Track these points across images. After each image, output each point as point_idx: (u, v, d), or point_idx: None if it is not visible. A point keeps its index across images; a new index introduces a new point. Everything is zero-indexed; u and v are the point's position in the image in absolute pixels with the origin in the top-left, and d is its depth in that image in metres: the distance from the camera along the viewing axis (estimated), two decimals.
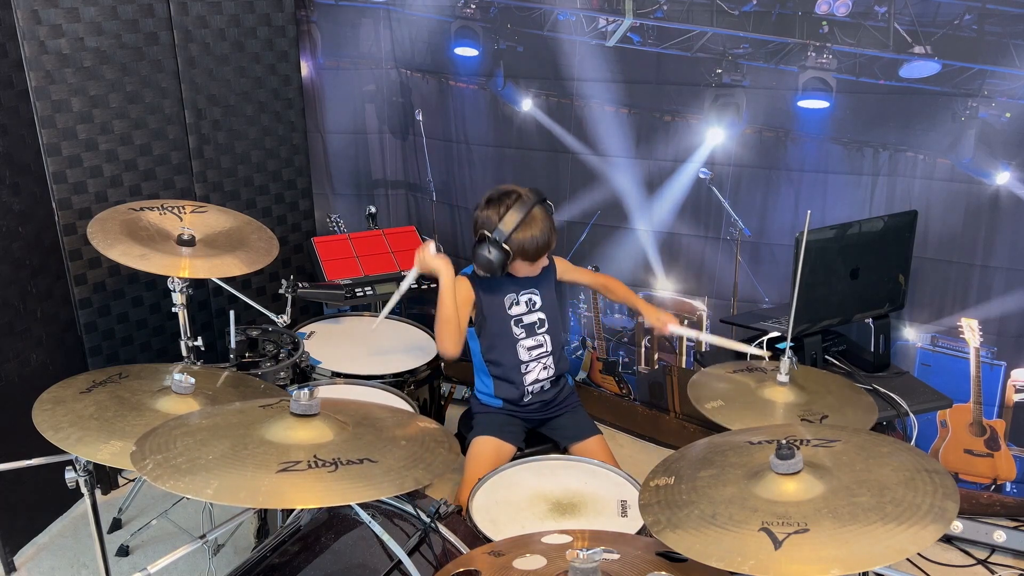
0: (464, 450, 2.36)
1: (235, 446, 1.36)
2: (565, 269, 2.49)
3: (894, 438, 1.48)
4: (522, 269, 2.30)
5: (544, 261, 2.31)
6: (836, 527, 1.18)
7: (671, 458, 1.47)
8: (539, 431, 2.44)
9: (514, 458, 2.28)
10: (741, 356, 2.20)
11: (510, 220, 2.18)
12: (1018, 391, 2.52)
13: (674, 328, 2.37)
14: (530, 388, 2.38)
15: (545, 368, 2.39)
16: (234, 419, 1.47)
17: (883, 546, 1.14)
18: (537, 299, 2.37)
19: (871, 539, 1.15)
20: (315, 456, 1.34)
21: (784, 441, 1.31)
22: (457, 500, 2.17)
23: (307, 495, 1.30)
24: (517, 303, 2.34)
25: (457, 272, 2.35)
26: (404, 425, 1.55)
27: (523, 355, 2.36)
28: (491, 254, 2.19)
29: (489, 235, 2.19)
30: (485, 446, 2.30)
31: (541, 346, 2.38)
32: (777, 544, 1.16)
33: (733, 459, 1.40)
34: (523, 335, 2.35)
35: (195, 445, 1.37)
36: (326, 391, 2.38)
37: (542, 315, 2.37)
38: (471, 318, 2.36)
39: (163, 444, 1.38)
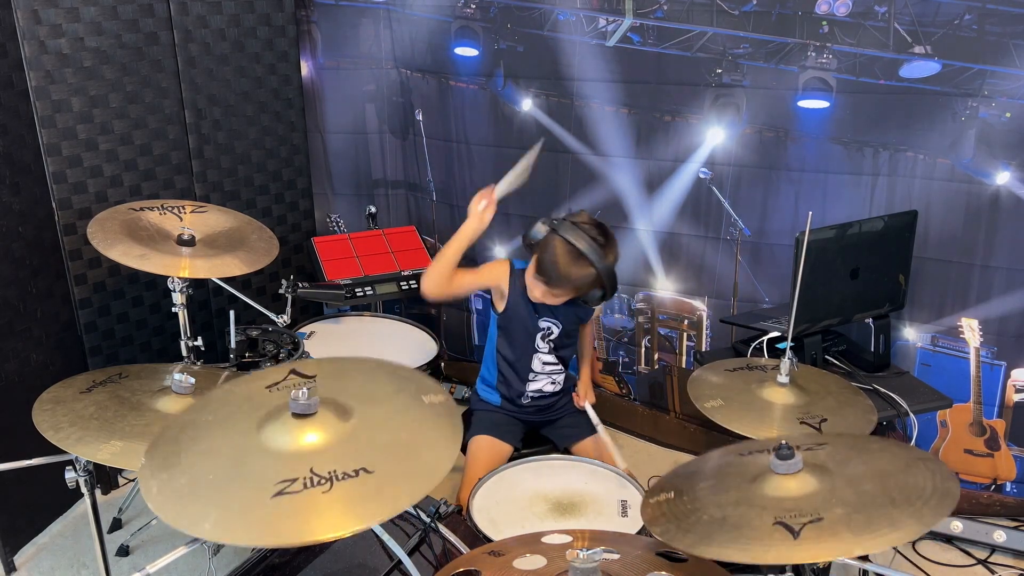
0: (464, 448, 2.36)
1: (235, 461, 1.30)
2: (594, 319, 2.43)
3: (879, 436, 1.49)
4: (535, 287, 2.17)
5: (536, 294, 2.19)
6: (849, 513, 1.19)
7: (664, 478, 1.47)
8: (539, 432, 2.44)
9: (512, 458, 2.28)
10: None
11: (588, 239, 2.05)
12: (1018, 391, 2.52)
13: (587, 405, 2.38)
14: (530, 394, 2.37)
15: (553, 383, 2.38)
16: (239, 415, 1.42)
17: (900, 524, 1.15)
18: (555, 329, 2.30)
19: (886, 520, 1.16)
20: (311, 470, 1.26)
21: (784, 442, 1.31)
22: (457, 500, 2.17)
23: (299, 532, 1.20)
24: (541, 319, 2.31)
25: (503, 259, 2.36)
26: (408, 408, 1.46)
27: (536, 366, 2.35)
28: (538, 227, 2.11)
29: (566, 223, 2.08)
30: (483, 445, 2.30)
31: (557, 364, 2.36)
32: (795, 534, 1.16)
33: (728, 470, 1.41)
34: (545, 349, 2.33)
35: (199, 459, 1.32)
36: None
37: (552, 344, 2.33)
38: (497, 307, 2.30)
39: (171, 455, 1.32)
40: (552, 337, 2.32)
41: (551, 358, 2.35)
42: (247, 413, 1.38)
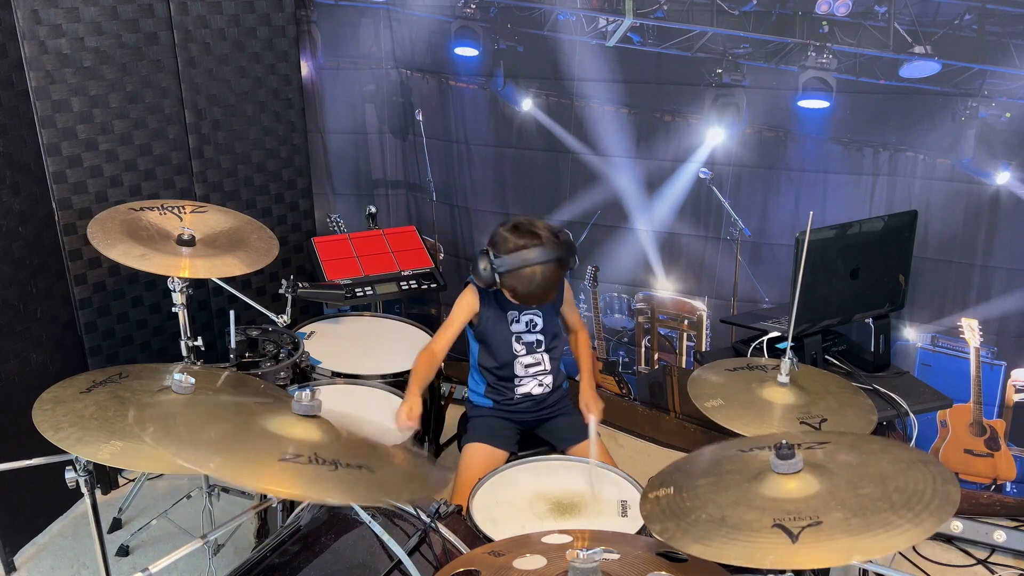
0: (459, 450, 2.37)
1: (236, 430, 1.36)
2: (568, 300, 2.42)
3: (881, 436, 1.48)
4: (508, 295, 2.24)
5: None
6: (848, 517, 1.19)
7: (665, 471, 1.47)
8: (535, 433, 2.43)
9: (510, 459, 2.28)
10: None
11: (514, 260, 2.12)
12: (1018, 391, 2.52)
13: (590, 424, 2.24)
14: (520, 397, 2.37)
15: (540, 385, 2.37)
16: (232, 407, 1.46)
17: (898, 530, 1.15)
18: (539, 321, 2.33)
19: (884, 525, 1.16)
20: (315, 454, 1.34)
21: (784, 441, 1.31)
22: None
23: (309, 488, 1.29)
24: (518, 320, 2.32)
25: (467, 277, 2.34)
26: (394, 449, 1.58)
27: (519, 370, 2.35)
28: (485, 271, 2.15)
29: (492, 257, 2.14)
30: (477, 453, 2.29)
31: (539, 364, 2.36)
32: (794, 538, 1.16)
33: (729, 467, 1.40)
34: (523, 352, 2.34)
35: (197, 422, 1.37)
36: (326, 391, 2.38)
37: (540, 336, 2.34)
38: (471, 322, 2.35)
39: (163, 416, 1.38)
40: (538, 329, 2.33)
41: (531, 359, 2.35)
42: (246, 412, 1.41)
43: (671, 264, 2.89)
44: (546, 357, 2.36)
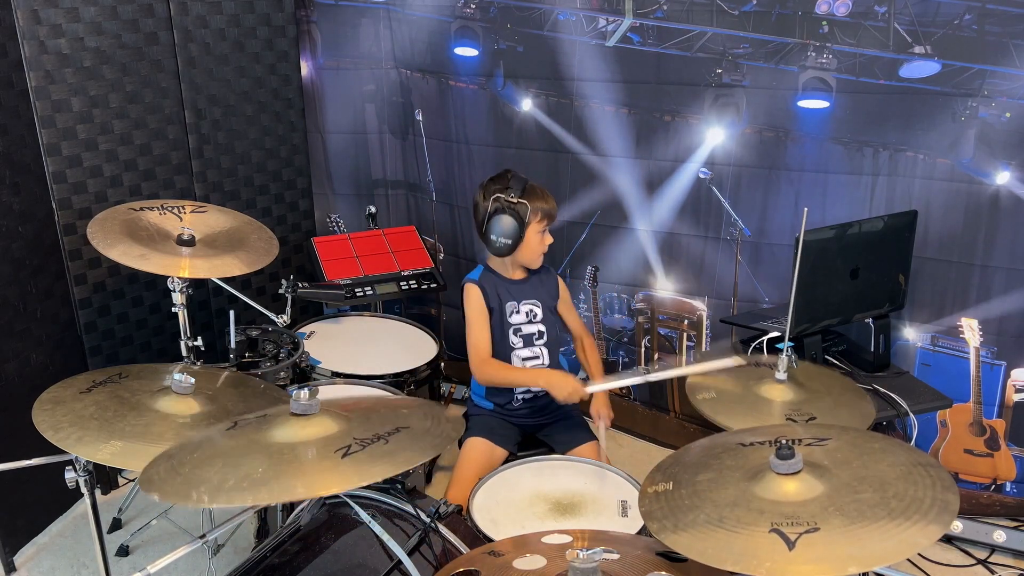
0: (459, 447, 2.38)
1: (272, 457, 1.33)
2: (565, 299, 2.46)
3: (882, 434, 1.48)
4: (528, 253, 2.29)
5: (541, 251, 2.32)
6: (845, 524, 1.18)
7: (665, 463, 1.46)
8: (536, 436, 2.43)
9: (511, 459, 2.28)
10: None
11: (518, 182, 2.24)
12: (1018, 391, 2.52)
13: (600, 430, 2.32)
14: (520, 396, 2.38)
15: None
16: (244, 438, 1.44)
17: (895, 541, 1.14)
18: (538, 311, 2.36)
19: (882, 535, 1.15)
20: (355, 439, 1.34)
21: (784, 441, 1.31)
22: (445, 498, 2.17)
23: (383, 468, 1.29)
24: (517, 311, 2.34)
25: (463, 278, 2.37)
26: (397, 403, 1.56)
27: (516, 363, 2.36)
28: (508, 211, 2.22)
29: (503, 195, 2.22)
30: (476, 447, 2.30)
31: (537, 358, 2.37)
32: (791, 545, 1.16)
33: (729, 462, 1.40)
34: (520, 344, 2.35)
35: (231, 467, 1.31)
36: (326, 391, 2.37)
37: (542, 327, 2.37)
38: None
39: (193, 472, 1.33)
40: (538, 319, 2.35)
41: (528, 352, 2.36)
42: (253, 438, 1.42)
43: (671, 264, 2.89)
44: (545, 351, 2.38)
